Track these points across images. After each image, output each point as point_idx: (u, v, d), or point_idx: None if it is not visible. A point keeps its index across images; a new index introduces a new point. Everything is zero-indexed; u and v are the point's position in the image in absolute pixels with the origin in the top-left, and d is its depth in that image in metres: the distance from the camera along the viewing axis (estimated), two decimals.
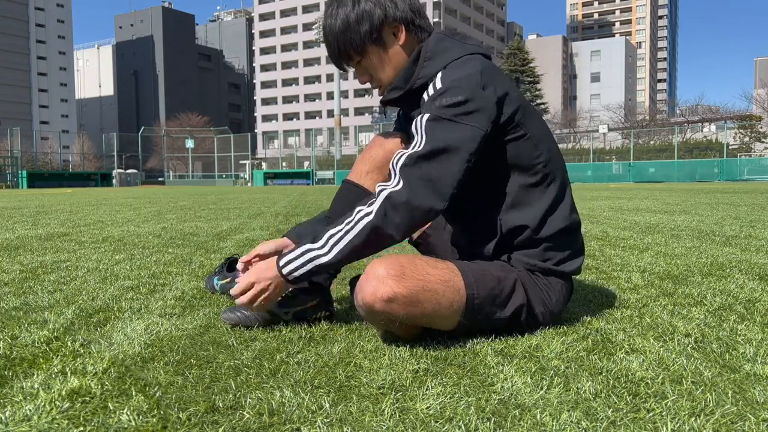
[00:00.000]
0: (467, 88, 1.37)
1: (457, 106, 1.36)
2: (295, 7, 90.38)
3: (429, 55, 1.47)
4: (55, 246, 3.40)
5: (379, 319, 1.32)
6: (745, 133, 44.48)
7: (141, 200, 10.65)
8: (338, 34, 1.48)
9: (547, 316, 1.47)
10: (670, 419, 0.94)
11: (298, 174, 38.68)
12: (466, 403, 1.01)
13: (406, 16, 1.49)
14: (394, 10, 1.48)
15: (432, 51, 1.47)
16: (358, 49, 1.49)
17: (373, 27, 1.47)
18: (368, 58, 1.50)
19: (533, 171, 1.46)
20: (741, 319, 1.57)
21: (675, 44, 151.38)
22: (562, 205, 1.51)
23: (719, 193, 11.20)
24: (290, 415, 0.97)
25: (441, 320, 1.35)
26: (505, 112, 1.41)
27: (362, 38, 1.47)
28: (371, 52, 1.49)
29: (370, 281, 1.30)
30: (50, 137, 65.98)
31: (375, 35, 1.47)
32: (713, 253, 2.86)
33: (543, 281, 1.48)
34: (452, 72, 1.42)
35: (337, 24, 1.48)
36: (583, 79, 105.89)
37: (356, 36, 1.47)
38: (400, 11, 1.48)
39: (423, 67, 1.47)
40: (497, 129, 1.40)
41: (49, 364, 1.22)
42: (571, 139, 51.81)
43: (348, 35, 1.47)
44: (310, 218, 1.84)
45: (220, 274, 1.98)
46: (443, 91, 1.38)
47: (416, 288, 1.29)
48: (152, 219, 5.68)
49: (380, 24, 1.47)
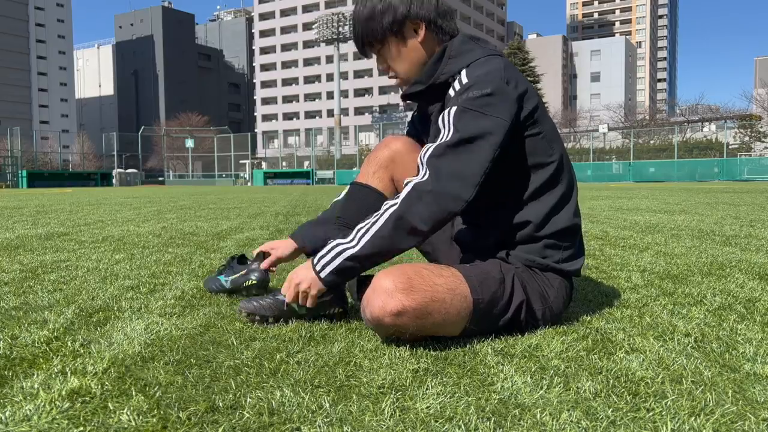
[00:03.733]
0: (492, 81, 1.42)
1: (484, 98, 1.41)
2: (295, 6, 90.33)
3: (454, 54, 1.53)
4: (55, 245, 3.40)
5: (389, 332, 1.33)
6: (745, 133, 44.47)
7: (141, 200, 10.65)
8: (363, 20, 1.56)
9: (546, 314, 1.47)
10: (670, 419, 0.94)
11: (298, 174, 38.69)
12: (466, 402, 1.01)
13: (429, 16, 1.55)
14: (418, 8, 1.54)
15: (457, 50, 1.53)
16: (379, 37, 1.56)
17: (396, 20, 1.53)
18: (387, 47, 1.57)
19: (545, 169, 1.50)
20: (741, 319, 1.57)
21: (675, 44, 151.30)
22: (567, 206, 1.53)
23: (719, 193, 11.20)
24: (290, 414, 0.97)
25: (450, 327, 1.36)
26: (525, 108, 1.46)
27: (384, 28, 1.54)
28: (390, 42, 1.56)
29: (378, 295, 1.30)
30: (50, 137, 66.01)
31: (396, 28, 1.54)
32: (713, 253, 2.86)
33: (540, 277, 1.49)
34: (477, 69, 1.47)
35: (365, 12, 1.56)
36: (583, 78, 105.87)
37: (378, 25, 1.54)
38: (425, 10, 1.55)
39: (447, 64, 1.53)
40: (518, 123, 1.45)
41: (49, 364, 1.22)
42: (571, 138, 51.79)
43: (371, 23, 1.55)
44: (311, 219, 1.85)
45: (228, 270, 1.95)
46: (470, 86, 1.44)
47: (425, 300, 1.29)
48: (152, 218, 5.68)
49: (402, 18, 1.54)
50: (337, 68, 74.10)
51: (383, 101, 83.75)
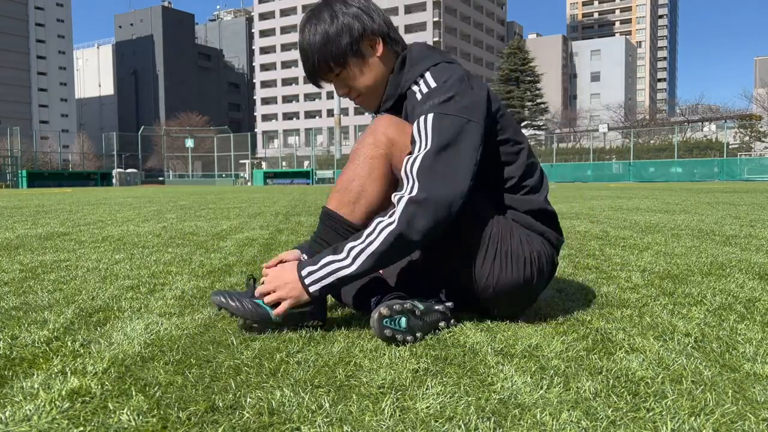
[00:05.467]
0: (459, 86, 1.45)
1: (455, 102, 1.42)
2: (295, 6, 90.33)
3: (414, 61, 1.55)
4: (55, 245, 3.40)
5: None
6: (745, 133, 44.48)
7: (141, 200, 10.65)
8: (319, 47, 1.53)
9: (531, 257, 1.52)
10: (670, 419, 0.94)
11: (298, 173, 38.68)
12: (466, 402, 1.01)
13: (382, 29, 1.57)
14: (371, 24, 1.55)
15: (417, 57, 1.55)
16: (340, 60, 1.54)
17: (353, 39, 1.53)
18: (349, 69, 1.56)
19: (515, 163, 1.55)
20: (741, 319, 1.57)
21: (675, 43, 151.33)
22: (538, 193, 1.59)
23: (719, 193, 11.20)
24: (290, 414, 0.97)
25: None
26: (492, 108, 1.50)
27: (343, 50, 1.53)
28: (351, 64, 1.55)
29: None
30: (50, 137, 66.03)
31: (355, 47, 1.54)
32: (713, 253, 2.86)
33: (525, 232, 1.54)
34: (442, 72, 1.49)
35: (317, 39, 1.53)
36: (583, 78, 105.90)
37: (337, 48, 1.53)
38: (377, 24, 1.56)
39: (408, 71, 1.54)
40: (488, 124, 1.47)
41: (49, 364, 1.22)
42: (571, 138, 51.82)
43: (329, 48, 1.53)
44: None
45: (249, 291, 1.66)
46: (436, 89, 1.45)
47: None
48: (152, 218, 5.68)
49: (359, 36, 1.53)
50: None
51: None
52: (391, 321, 1.36)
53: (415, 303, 1.42)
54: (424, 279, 1.63)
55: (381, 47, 1.56)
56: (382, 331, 1.35)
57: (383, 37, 1.56)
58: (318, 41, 1.53)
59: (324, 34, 1.52)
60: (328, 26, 1.52)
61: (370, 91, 1.59)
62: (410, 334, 1.37)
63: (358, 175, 1.49)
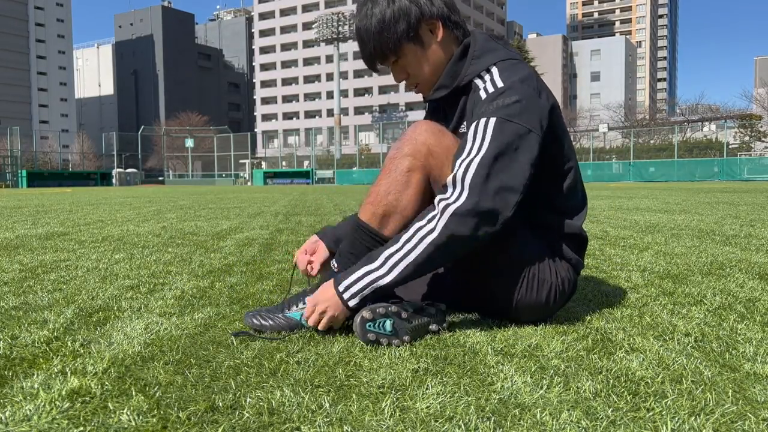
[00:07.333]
0: (526, 91, 1.37)
1: (521, 108, 1.35)
2: (295, 6, 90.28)
3: (477, 53, 1.46)
4: (55, 245, 3.40)
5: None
6: (745, 132, 44.50)
7: (140, 199, 10.64)
8: (375, 34, 1.45)
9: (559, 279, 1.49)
10: (670, 418, 0.94)
11: (297, 173, 38.70)
12: (466, 402, 1.01)
13: (442, 12, 1.47)
14: (430, 7, 1.45)
15: (480, 50, 1.46)
16: (395, 48, 1.46)
17: (411, 25, 1.44)
18: (405, 57, 1.48)
19: (562, 177, 1.50)
20: (741, 319, 1.57)
21: (675, 43, 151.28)
22: (577, 217, 1.54)
23: (719, 193, 11.20)
24: (290, 414, 0.97)
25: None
26: (552, 122, 1.41)
27: (399, 37, 1.44)
28: (408, 50, 1.47)
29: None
30: (50, 136, 66.00)
31: (412, 33, 1.45)
32: (713, 253, 2.86)
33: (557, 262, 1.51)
34: (511, 73, 1.40)
35: (373, 24, 1.45)
36: (583, 78, 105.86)
37: (393, 35, 1.44)
38: (437, 7, 1.46)
39: (471, 64, 1.45)
40: (546, 136, 1.40)
41: (49, 364, 1.22)
42: (571, 138, 51.70)
43: (384, 35, 1.44)
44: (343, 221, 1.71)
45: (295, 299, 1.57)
46: (503, 90, 1.37)
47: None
48: (152, 218, 5.68)
49: (417, 21, 1.44)
50: (336, 68, 74.08)
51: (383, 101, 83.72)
52: (375, 324, 1.34)
53: (403, 305, 1.39)
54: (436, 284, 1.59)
55: (441, 31, 1.46)
56: (365, 335, 1.33)
57: (444, 20, 1.47)
58: (374, 27, 1.44)
59: (380, 19, 1.44)
60: (384, 9, 1.43)
61: (430, 77, 1.50)
62: (396, 337, 1.35)
63: (395, 189, 1.41)
